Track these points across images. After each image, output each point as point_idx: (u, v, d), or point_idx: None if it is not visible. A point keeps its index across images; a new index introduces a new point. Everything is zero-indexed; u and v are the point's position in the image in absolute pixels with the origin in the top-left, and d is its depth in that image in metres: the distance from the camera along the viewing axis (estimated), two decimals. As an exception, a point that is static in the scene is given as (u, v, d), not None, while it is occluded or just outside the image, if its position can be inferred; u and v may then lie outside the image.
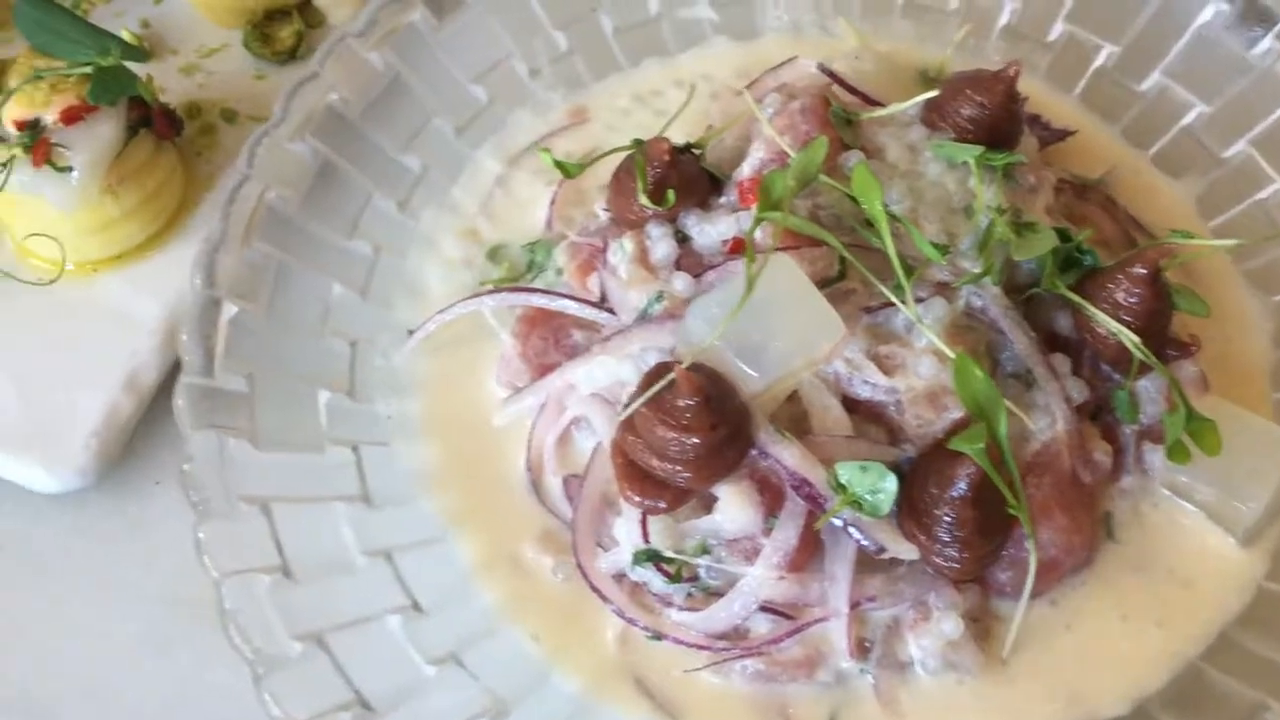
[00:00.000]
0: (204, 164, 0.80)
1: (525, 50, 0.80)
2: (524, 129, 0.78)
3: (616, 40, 0.82)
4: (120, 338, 0.73)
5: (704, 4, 0.83)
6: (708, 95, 0.80)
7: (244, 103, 0.83)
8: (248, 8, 0.84)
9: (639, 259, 0.66)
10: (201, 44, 0.86)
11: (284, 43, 0.84)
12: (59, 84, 0.70)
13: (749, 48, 0.82)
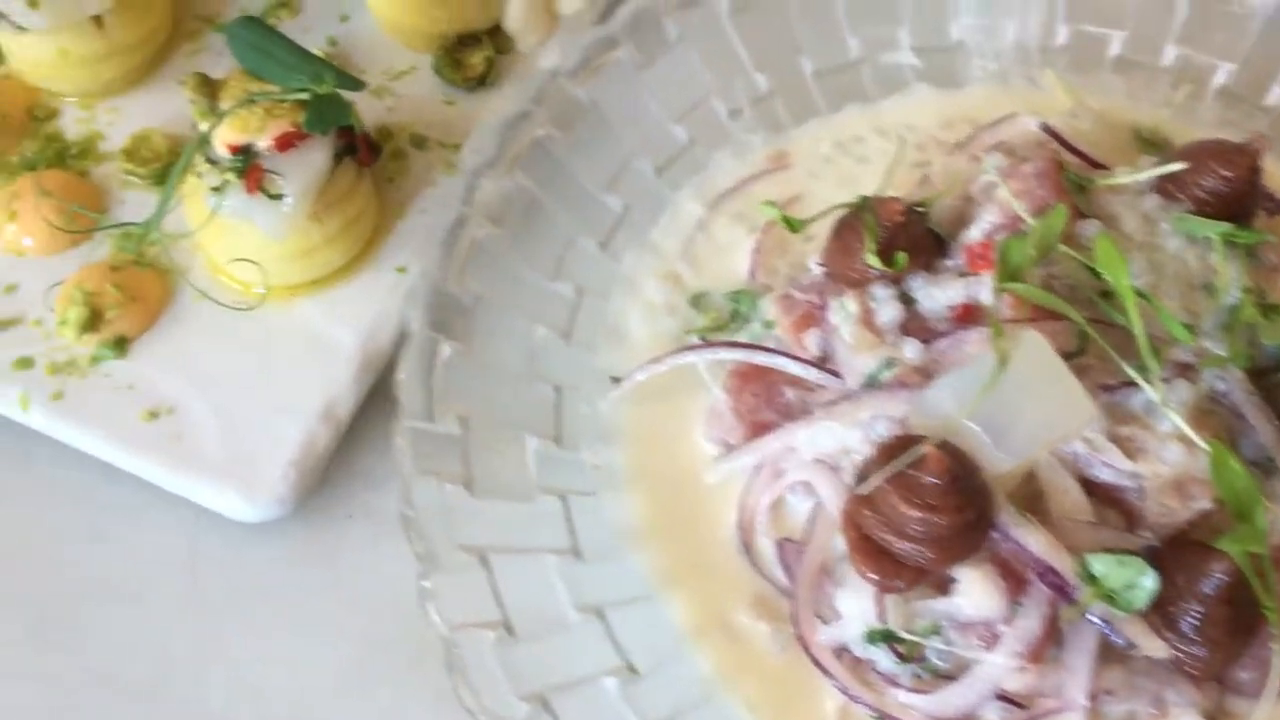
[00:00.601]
0: (395, 190, 0.80)
1: (726, 90, 0.79)
2: (724, 172, 0.77)
3: (817, 83, 0.80)
4: (317, 365, 0.73)
5: (907, 50, 0.81)
6: (912, 145, 0.78)
7: (434, 128, 0.82)
8: (439, 32, 0.83)
9: (863, 321, 0.64)
10: (389, 66, 0.85)
11: (475, 69, 0.83)
12: (273, 109, 0.70)
13: (953, 97, 0.80)
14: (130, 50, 0.81)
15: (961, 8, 0.81)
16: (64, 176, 0.78)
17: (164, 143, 0.80)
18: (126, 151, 0.79)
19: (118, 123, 0.82)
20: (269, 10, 0.87)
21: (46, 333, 0.74)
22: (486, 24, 0.84)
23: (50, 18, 0.77)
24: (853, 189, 0.76)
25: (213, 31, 0.86)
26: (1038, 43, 0.81)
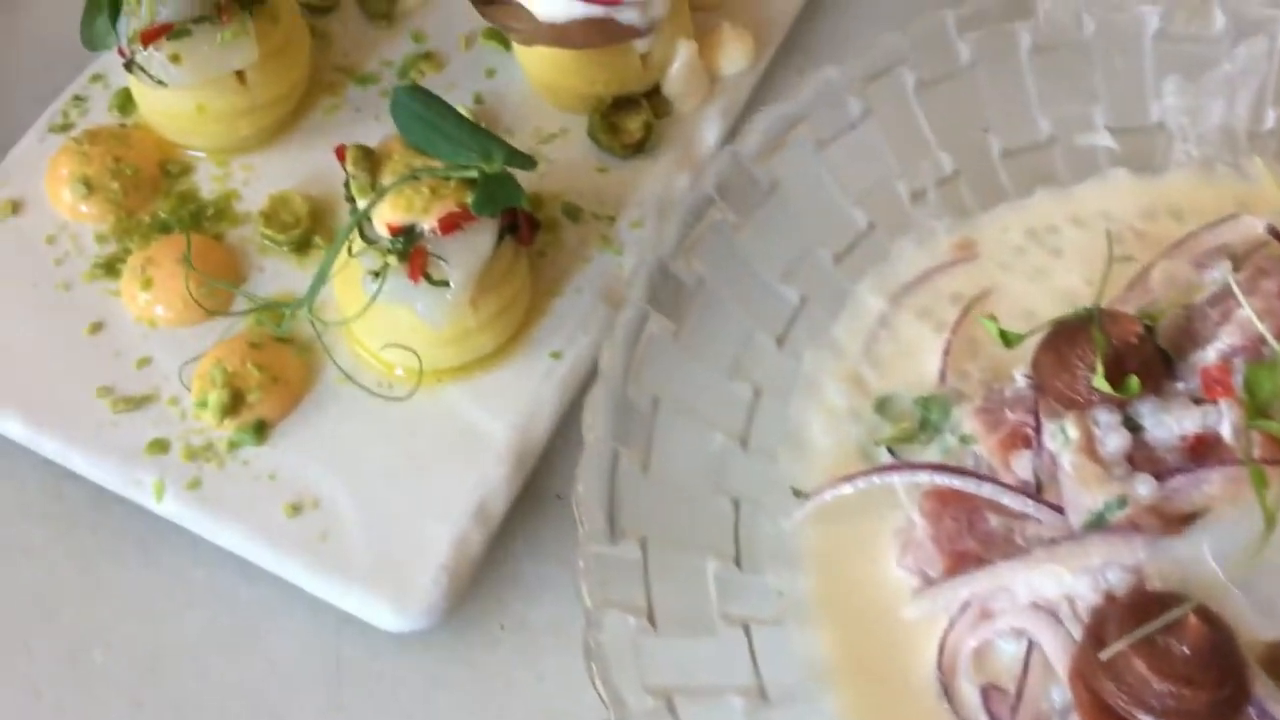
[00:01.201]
0: (548, 265, 0.75)
1: (909, 171, 0.73)
2: (906, 261, 0.71)
3: (1005, 164, 0.74)
4: (468, 461, 0.67)
5: (1102, 131, 0.75)
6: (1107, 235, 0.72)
7: (587, 198, 0.77)
8: (595, 94, 0.78)
9: (1085, 449, 0.58)
10: (539, 127, 0.80)
11: (632, 135, 0.78)
12: (438, 188, 0.65)
13: (1152, 184, 0.74)
14: (270, 106, 0.77)
15: (1163, 86, 0.75)
16: (201, 241, 0.73)
17: (304, 206, 0.75)
18: (265, 215, 0.75)
19: (253, 181, 0.77)
20: (410, 64, 0.82)
21: (182, 412, 0.69)
22: (645, 87, 0.79)
23: (192, 74, 0.72)
24: (1047, 284, 0.71)
25: (352, 85, 0.81)
26: (1245, 127, 0.75)
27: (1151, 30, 0.75)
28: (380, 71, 0.82)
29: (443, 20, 0.84)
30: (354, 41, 0.83)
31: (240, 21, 0.72)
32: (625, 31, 0.74)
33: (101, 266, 0.73)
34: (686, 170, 0.78)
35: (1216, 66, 0.75)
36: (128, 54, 0.73)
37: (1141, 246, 0.71)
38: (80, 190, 0.74)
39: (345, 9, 0.84)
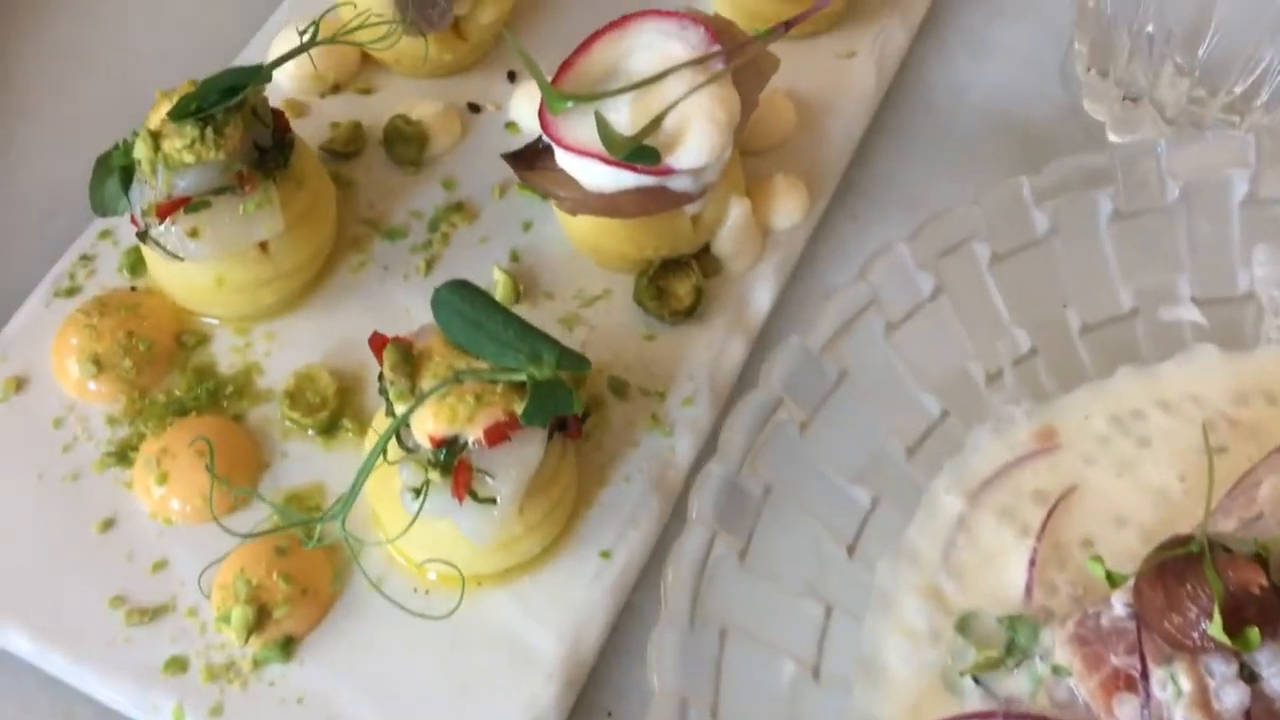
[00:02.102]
0: (594, 450, 0.69)
1: (984, 351, 0.68)
2: (983, 453, 0.66)
3: (1085, 341, 0.69)
4: (515, 678, 0.62)
5: (1187, 303, 0.70)
6: (1198, 421, 0.67)
7: (633, 370, 0.72)
8: (644, 257, 0.73)
9: (1199, 702, 0.53)
10: (581, 288, 0.75)
11: (681, 301, 0.73)
12: (483, 395, 0.59)
13: (1242, 364, 0.69)
14: (294, 273, 0.71)
15: (1252, 255, 0.70)
16: (220, 425, 0.68)
17: (331, 384, 0.70)
18: (289, 395, 0.69)
19: (276, 352, 0.72)
20: (441, 216, 0.77)
21: (201, 625, 0.64)
22: (695, 248, 0.74)
23: (212, 248, 0.67)
24: (1136, 480, 0.66)
25: (379, 239, 0.76)
26: (1342, 298, 0.70)
27: (1240, 195, 0.70)
28: (409, 224, 0.77)
29: (474, 166, 0.79)
30: (380, 190, 0.78)
31: (264, 191, 0.67)
32: (678, 199, 0.69)
33: (113, 455, 0.68)
34: (739, 335, 0.73)
35: (1310, 234, 0.70)
36: (141, 225, 0.68)
37: (1235, 435, 0.66)
38: (90, 369, 0.69)
39: (370, 154, 0.79)
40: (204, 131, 0.64)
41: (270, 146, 0.68)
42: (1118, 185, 0.70)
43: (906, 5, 0.87)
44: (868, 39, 0.85)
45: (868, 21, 0.85)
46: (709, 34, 0.68)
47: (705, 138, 0.66)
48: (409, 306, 0.74)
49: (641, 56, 0.68)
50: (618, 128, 0.66)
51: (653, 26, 0.69)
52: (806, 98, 0.82)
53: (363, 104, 0.81)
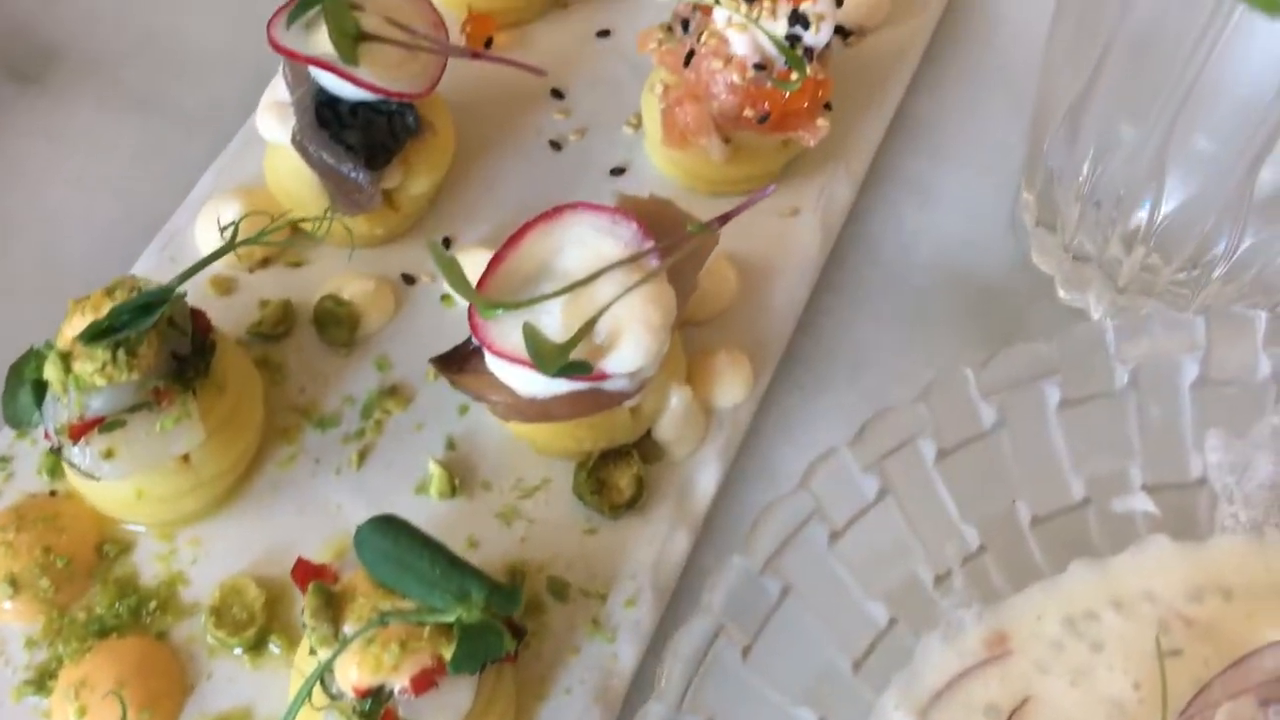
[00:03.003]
0: (532, 658, 0.67)
1: (931, 552, 0.66)
2: (933, 664, 0.64)
3: (1035, 535, 0.67)
4: None
5: (1139, 493, 0.68)
6: (1153, 621, 0.65)
7: (574, 569, 0.69)
8: (583, 450, 0.71)
9: None
10: (519, 478, 0.72)
11: (622, 494, 0.71)
12: (409, 640, 0.57)
13: (1197, 555, 0.67)
14: (218, 478, 0.69)
15: (1204, 441, 0.69)
16: (141, 648, 0.65)
17: (259, 597, 0.67)
18: (215, 611, 0.67)
19: (202, 559, 0.69)
20: (374, 402, 0.74)
21: None
22: (635, 437, 0.72)
23: (129, 467, 0.64)
24: (1091, 689, 0.64)
25: (310, 428, 0.73)
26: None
27: (1190, 378, 0.68)
28: (341, 410, 0.74)
29: (409, 344, 0.76)
30: (311, 373, 0.75)
31: (182, 404, 0.64)
32: (614, 398, 0.67)
33: (31, 683, 0.65)
34: (683, 527, 0.71)
35: (1262, 418, 0.68)
36: (55, 442, 0.65)
37: (1190, 636, 0.64)
38: (5, 590, 0.66)
39: (301, 333, 0.77)
40: (115, 353, 0.62)
41: (189, 354, 0.66)
42: (1064, 373, 0.68)
43: (850, 156, 0.85)
44: (811, 194, 0.83)
45: (811, 176, 0.84)
46: (641, 230, 0.66)
47: (639, 343, 0.64)
48: (340, 504, 0.71)
49: (573, 253, 0.66)
50: (549, 331, 0.64)
51: (584, 221, 0.67)
52: (749, 260, 0.80)
53: (293, 278, 0.78)
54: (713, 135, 0.77)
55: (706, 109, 0.76)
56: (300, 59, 0.71)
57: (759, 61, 0.74)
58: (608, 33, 0.90)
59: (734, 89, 0.74)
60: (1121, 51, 0.63)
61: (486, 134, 0.85)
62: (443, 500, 0.71)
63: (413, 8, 0.75)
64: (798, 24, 0.73)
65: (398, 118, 0.74)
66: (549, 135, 0.85)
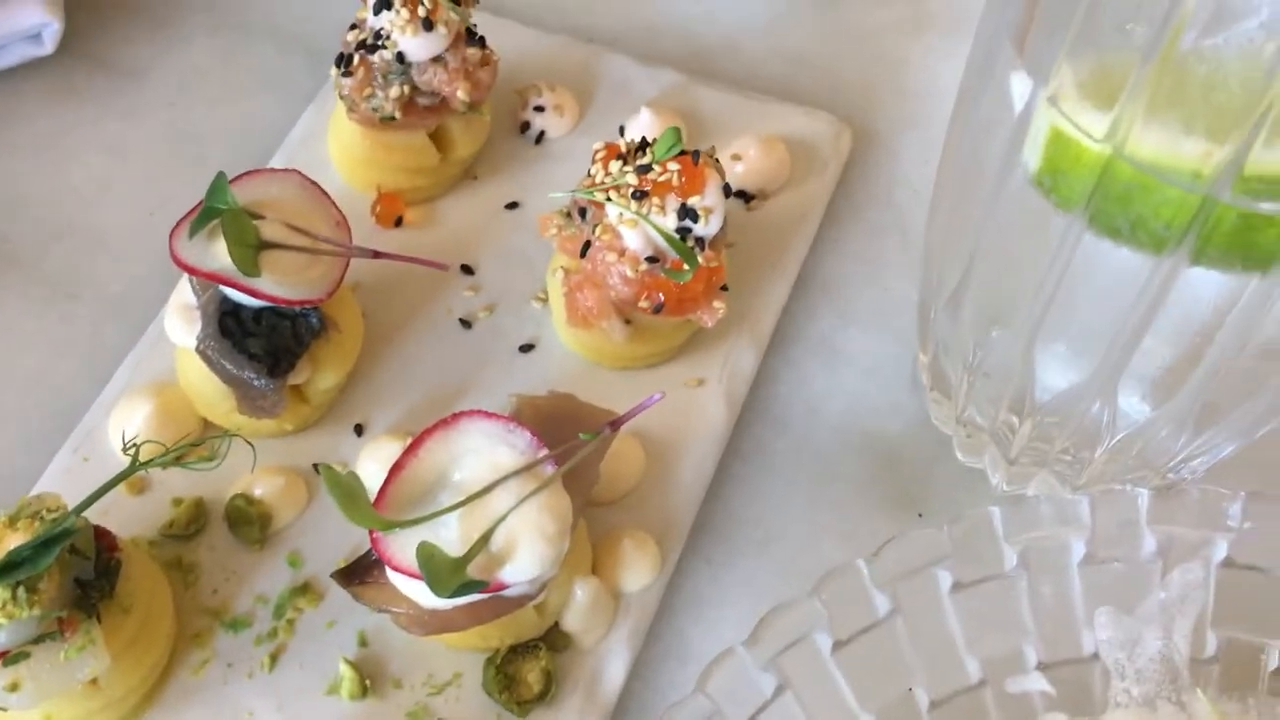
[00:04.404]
0: None
1: (831, 743, 0.67)
2: None
3: (933, 718, 0.69)
4: None
5: (1034, 672, 0.70)
6: (1050, 806, 0.67)
7: (485, 768, 0.71)
8: (490, 646, 0.72)
9: None
10: (431, 674, 0.73)
11: (530, 689, 0.72)
12: None
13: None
14: (128, 695, 0.70)
15: (1095, 618, 0.70)
16: None
17: (168, 816, 0.68)
18: (124, 831, 0.67)
19: (114, 779, 0.70)
20: (286, 600, 0.75)
21: None
22: (542, 630, 0.73)
23: (34, 699, 0.65)
24: None
25: (222, 631, 0.74)
26: (1185, 657, 0.70)
27: (1078, 557, 0.70)
28: (254, 611, 0.75)
29: (321, 537, 0.78)
30: (224, 573, 0.76)
31: (86, 632, 0.65)
32: (515, 603, 0.68)
33: None
34: (592, 717, 0.72)
35: (1150, 594, 0.70)
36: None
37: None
38: (-87, 818, 0.67)
39: (213, 531, 0.78)
40: (15, 592, 0.62)
41: (93, 578, 0.67)
42: (955, 557, 0.70)
43: (754, 321, 0.87)
44: (716, 364, 0.85)
45: (715, 344, 0.86)
46: (535, 439, 0.68)
47: (535, 552, 0.65)
48: (252, 709, 0.72)
49: (469, 462, 0.68)
50: (446, 544, 0.65)
51: (479, 429, 0.68)
52: (656, 437, 0.81)
53: (206, 475, 0.78)
54: (613, 318, 0.79)
55: (606, 294, 0.79)
56: (201, 274, 0.72)
57: (651, 254, 0.76)
58: (516, 204, 0.92)
59: (628, 280, 0.76)
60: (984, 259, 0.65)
61: (397, 316, 0.86)
62: (354, 701, 0.72)
63: (314, 210, 0.77)
64: (687, 217, 0.75)
65: (302, 320, 0.76)
66: (459, 313, 0.87)
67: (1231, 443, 0.71)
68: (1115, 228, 0.56)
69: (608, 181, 0.76)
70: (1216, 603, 0.70)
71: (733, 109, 0.97)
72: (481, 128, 0.91)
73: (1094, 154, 0.54)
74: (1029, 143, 0.57)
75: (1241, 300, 0.56)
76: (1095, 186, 0.55)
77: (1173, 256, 0.55)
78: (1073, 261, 0.59)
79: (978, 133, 0.63)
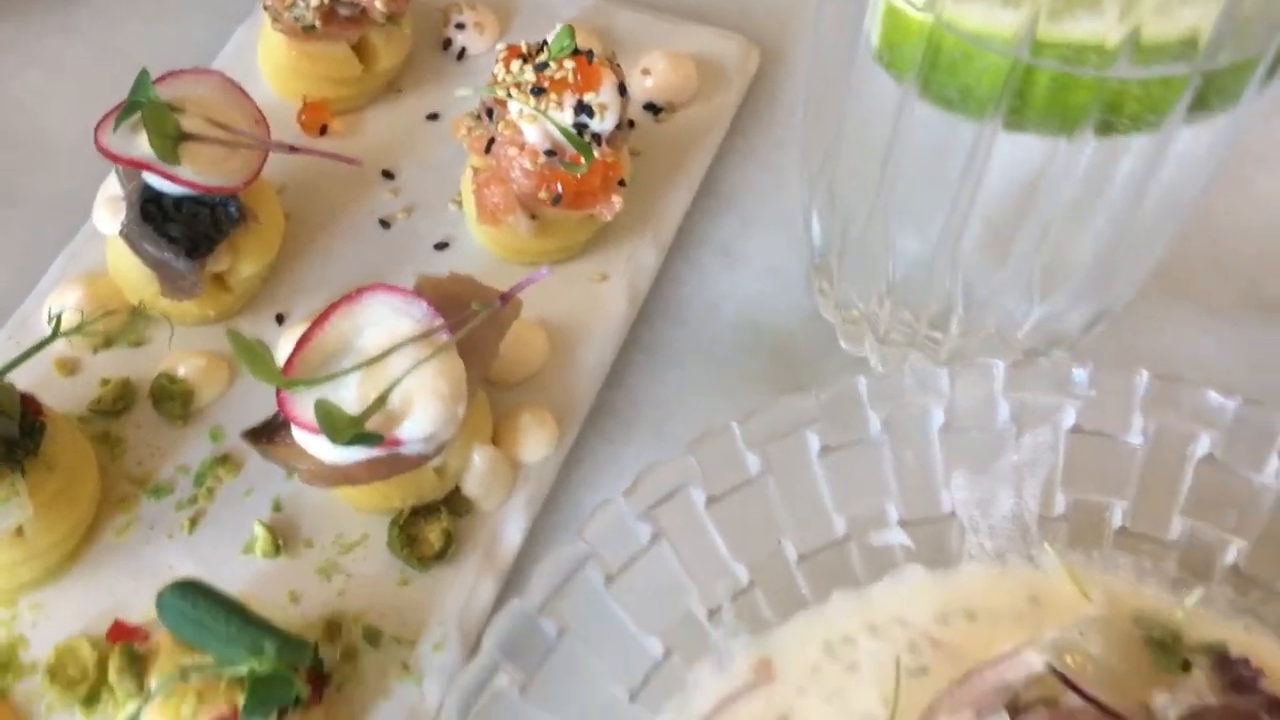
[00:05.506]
0: (344, 703, 0.73)
1: (704, 589, 0.73)
2: (704, 690, 0.71)
3: (801, 569, 0.74)
4: None
5: (895, 527, 0.75)
6: (904, 645, 0.72)
7: (388, 618, 0.76)
8: (393, 505, 0.77)
9: None
10: (340, 535, 0.79)
11: (431, 546, 0.77)
12: (206, 691, 0.63)
13: (946, 581, 0.74)
14: (54, 547, 0.75)
15: (952, 479, 0.76)
16: (-20, 706, 0.71)
17: (92, 655, 0.72)
18: (50, 670, 0.72)
19: (42, 623, 0.75)
20: (206, 470, 0.80)
21: None
22: (443, 493, 0.78)
23: (-39, 544, 0.70)
24: (843, 706, 0.71)
25: (145, 497, 0.79)
26: (1035, 515, 0.76)
27: (938, 424, 0.76)
28: (175, 479, 0.80)
29: (241, 415, 0.82)
30: (148, 447, 0.82)
31: (10, 484, 0.70)
32: (413, 461, 0.73)
33: (-125, 745, 0.71)
34: (489, 575, 0.78)
35: (1003, 456, 0.76)
36: (-112, 523, 0.71)
37: (937, 657, 0.71)
38: None
39: (139, 409, 0.83)
40: (-58, 442, 0.68)
41: (17, 436, 0.72)
42: (824, 423, 0.75)
43: (658, 224, 0.92)
44: (619, 261, 0.90)
45: (619, 244, 0.91)
46: (431, 309, 0.73)
47: (428, 412, 0.71)
48: (171, 565, 0.77)
49: (371, 332, 0.73)
50: (347, 404, 0.70)
51: (381, 301, 0.74)
52: (559, 325, 0.87)
53: (133, 358, 0.84)
54: (519, 213, 0.85)
55: (511, 190, 0.84)
56: (123, 161, 0.77)
57: (550, 148, 0.81)
58: (436, 116, 0.97)
59: (528, 174, 0.81)
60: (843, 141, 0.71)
61: (320, 215, 0.92)
62: (267, 559, 0.77)
63: (234, 107, 0.82)
64: (583, 113, 0.81)
65: (221, 209, 0.81)
66: (379, 214, 0.92)
67: (1077, 310, 0.77)
68: (947, 98, 0.62)
69: (508, 80, 0.81)
70: (1065, 465, 0.76)
71: (648, 29, 1.02)
72: (402, 41, 0.96)
73: (920, 24, 0.59)
74: (869, 17, 0.62)
75: (1054, 161, 0.61)
76: (924, 56, 0.60)
77: (992, 122, 0.60)
78: (911, 133, 0.64)
79: (830, 14, 0.68)
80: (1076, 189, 0.63)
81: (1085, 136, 0.59)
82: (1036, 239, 0.67)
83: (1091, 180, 0.62)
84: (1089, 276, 0.72)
